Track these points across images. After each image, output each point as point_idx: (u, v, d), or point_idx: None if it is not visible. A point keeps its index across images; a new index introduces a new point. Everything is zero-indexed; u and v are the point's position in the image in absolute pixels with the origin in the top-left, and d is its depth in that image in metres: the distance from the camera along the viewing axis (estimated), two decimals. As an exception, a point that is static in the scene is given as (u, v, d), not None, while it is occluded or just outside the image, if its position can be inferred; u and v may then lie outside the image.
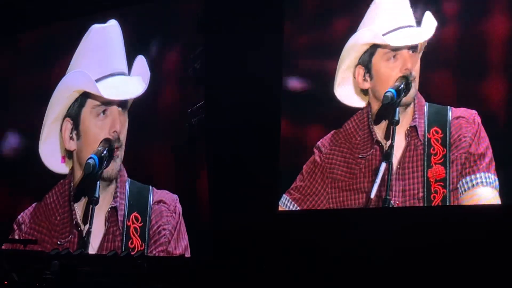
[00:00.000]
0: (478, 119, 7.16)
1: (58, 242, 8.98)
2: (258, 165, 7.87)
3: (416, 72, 7.74)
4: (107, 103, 9.04)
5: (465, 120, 7.22)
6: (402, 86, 7.70)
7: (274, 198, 7.83)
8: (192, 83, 8.26)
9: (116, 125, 8.97)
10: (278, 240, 7.53)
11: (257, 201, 7.73)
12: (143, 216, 8.62)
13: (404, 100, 7.61)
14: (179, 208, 8.49)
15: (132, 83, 9.01)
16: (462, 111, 7.26)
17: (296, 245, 7.44)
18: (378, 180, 7.49)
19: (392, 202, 7.35)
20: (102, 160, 8.74)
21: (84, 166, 8.75)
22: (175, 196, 8.58)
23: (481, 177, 7.02)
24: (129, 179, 8.96)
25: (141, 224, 8.59)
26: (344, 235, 7.21)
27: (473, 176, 7.03)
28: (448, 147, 7.23)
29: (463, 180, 7.08)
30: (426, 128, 7.40)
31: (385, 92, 7.62)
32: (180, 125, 8.70)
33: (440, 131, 7.33)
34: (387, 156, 7.54)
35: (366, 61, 7.89)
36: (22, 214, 9.41)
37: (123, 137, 9.01)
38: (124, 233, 8.55)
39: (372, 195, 7.47)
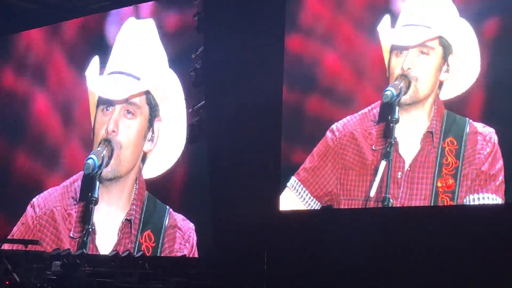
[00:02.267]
0: (495, 138, 6.96)
1: (71, 235, 9.09)
2: (259, 164, 7.80)
3: (422, 74, 7.47)
4: (110, 101, 9.00)
5: (482, 136, 7.03)
6: (401, 85, 7.57)
7: (275, 197, 7.79)
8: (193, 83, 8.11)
9: (115, 125, 8.93)
10: (279, 239, 7.54)
11: (258, 200, 7.68)
12: (156, 237, 8.62)
13: (408, 99, 7.39)
14: (193, 238, 8.42)
15: (125, 86, 8.84)
16: (480, 127, 7.05)
17: (297, 244, 7.44)
18: (377, 179, 7.46)
19: (391, 200, 7.31)
20: (102, 160, 8.73)
21: (84, 166, 8.80)
22: (191, 225, 8.51)
23: (488, 198, 6.92)
24: (147, 193, 8.93)
25: (154, 244, 8.61)
26: (344, 234, 7.17)
27: (481, 195, 6.93)
28: (461, 160, 7.08)
29: (470, 197, 6.98)
30: (442, 136, 7.25)
31: (385, 91, 7.51)
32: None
33: (455, 142, 7.16)
34: (386, 154, 7.47)
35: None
36: (37, 197, 9.52)
37: (125, 139, 8.91)
38: (136, 248, 8.60)
39: (372, 193, 7.45)
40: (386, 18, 7.54)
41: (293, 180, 7.82)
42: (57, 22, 9.72)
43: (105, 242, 8.65)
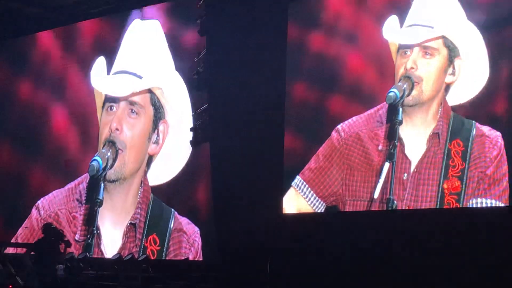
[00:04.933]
0: (501, 142, 6.89)
1: (76, 238, 9.04)
2: (262, 167, 7.72)
3: (426, 75, 7.40)
4: (115, 100, 8.94)
5: (488, 140, 6.96)
6: (404, 86, 7.54)
7: (278, 200, 7.75)
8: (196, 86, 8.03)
9: (119, 123, 8.84)
10: (282, 242, 7.50)
11: (261, 203, 7.65)
12: (161, 240, 8.56)
13: (411, 101, 7.35)
14: (198, 242, 8.35)
15: (128, 84, 8.77)
16: (487, 130, 6.99)
17: (301, 246, 7.40)
18: (381, 180, 7.43)
19: (396, 202, 7.27)
20: (106, 162, 8.67)
21: (88, 168, 8.76)
22: (196, 229, 8.43)
23: (492, 204, 6.85)
24: (152, 196, 8.84)
25: (159, 248, 8.57)
26: (348, 237, 7.17)
27: (484, 200, 6.86)
28: (468, 162, 7.02)
29: (473, 200, 6.93)
30: (449, 138, 7.18)
31: (388, 92, 7.48)
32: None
33: (462, 144, 7.10)
34: (390, 156, 7.44)
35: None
36: (42, 199, 9.48)
37: (129, 138, 8.85)
38: (141, 252, 8.54)
39: (376, 194, 7.42)
40: (393, 18, 7.49)
41: (298, 179, 7.80)
42: (60, 26, 9.76)
43: (110, 246, 8.61)
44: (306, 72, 8.05)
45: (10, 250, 9.18)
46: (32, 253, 6.99)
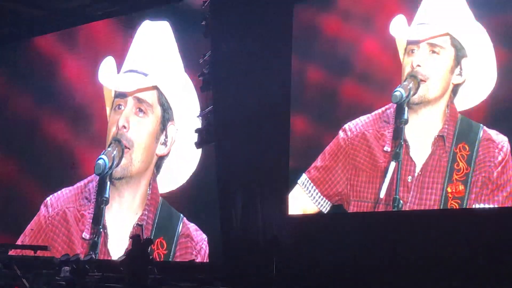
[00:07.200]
0: (508, 147, 6.85)
1: (83, 236, 9.09)
2: (267, 168, 7.67)
3: (432, 73, 7.39)
4: (123, 98, 8.99)
5: (494, 144, 6.91)
6: (410, 86, 7.55)
7: (284, 201, 7.73)
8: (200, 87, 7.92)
9: (126, 120, 8.89)
10: (288, 243, 7.46)
11: (266, 204, 7.63)
12: (169, 244, 8.53)
13: (417, 99, 7.35)
14: (205, 250, 8.29)
15: (134, 81, 8.85)
16: (494, 134, 6.94)
17: (306, 248, 7.40)
18: (387, 180, 7.43)
19: (401, 202, 7.26)
20: (112, 161, 8.71)
21: (94, 167, 8.79)
22: (204, 236, 8.38)
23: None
24: (161, 199, 8.80)
25: (166, 252, 8.57)
26: (352, 238, 7.14)
27: (486, 206, 6.82)
28: (473, 166, 6.99)
29: (476, 206, 6.87)
30: (455, 141, 7.15)
31: (394, 91, 7.50)
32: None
33: (468, 148, 7.06)
34: (396, 155, 7.45)
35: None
36: (51, 196, 9.54)
37: (136, 136, 8.85)
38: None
39: (382, 194, 7.42)
40: (400, 17, 7.47)
41: (303, 177, 7.81)
42: (65, 28, 9.77)
43: (117, 245, 8.61)
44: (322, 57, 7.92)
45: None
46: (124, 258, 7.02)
